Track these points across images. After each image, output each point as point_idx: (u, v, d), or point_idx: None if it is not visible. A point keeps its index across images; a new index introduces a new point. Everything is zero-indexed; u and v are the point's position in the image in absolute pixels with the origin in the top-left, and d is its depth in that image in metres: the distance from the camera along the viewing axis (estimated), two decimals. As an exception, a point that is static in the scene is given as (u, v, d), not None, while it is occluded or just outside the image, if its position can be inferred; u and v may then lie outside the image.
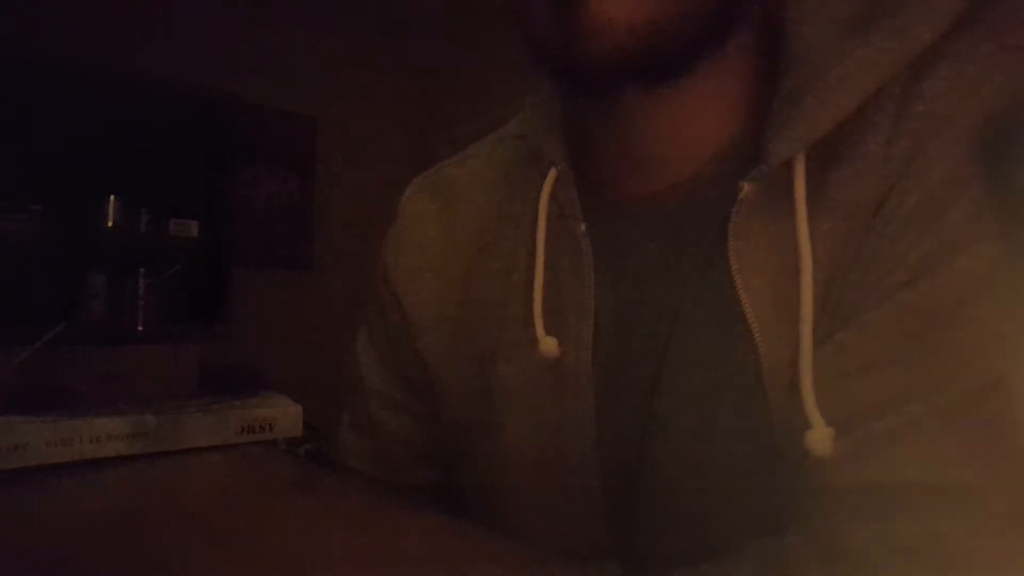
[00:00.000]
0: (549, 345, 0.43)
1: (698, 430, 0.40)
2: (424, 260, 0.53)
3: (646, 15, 0.34)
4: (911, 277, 0.34)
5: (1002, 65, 0.34)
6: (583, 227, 0.42)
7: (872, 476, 0.33)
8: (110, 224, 0.62)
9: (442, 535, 0.39)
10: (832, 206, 0.36)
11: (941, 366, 0.33)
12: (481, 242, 0.50)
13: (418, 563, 0.35)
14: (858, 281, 0.35)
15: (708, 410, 0.39)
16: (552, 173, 0.45)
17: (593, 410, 0.42)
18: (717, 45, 0.38)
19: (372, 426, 0.57)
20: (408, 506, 0.44)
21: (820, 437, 0.34)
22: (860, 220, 0.35)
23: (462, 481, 0.52)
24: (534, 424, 0.45)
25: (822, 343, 0.35)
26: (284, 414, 0.58)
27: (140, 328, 0.63)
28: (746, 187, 0.37)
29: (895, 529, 0.32)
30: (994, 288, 0.32)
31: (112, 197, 0.62)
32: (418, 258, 0.53)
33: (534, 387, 0.45)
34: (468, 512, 0.50)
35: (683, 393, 0.40)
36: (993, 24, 0.34)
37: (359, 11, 2.68)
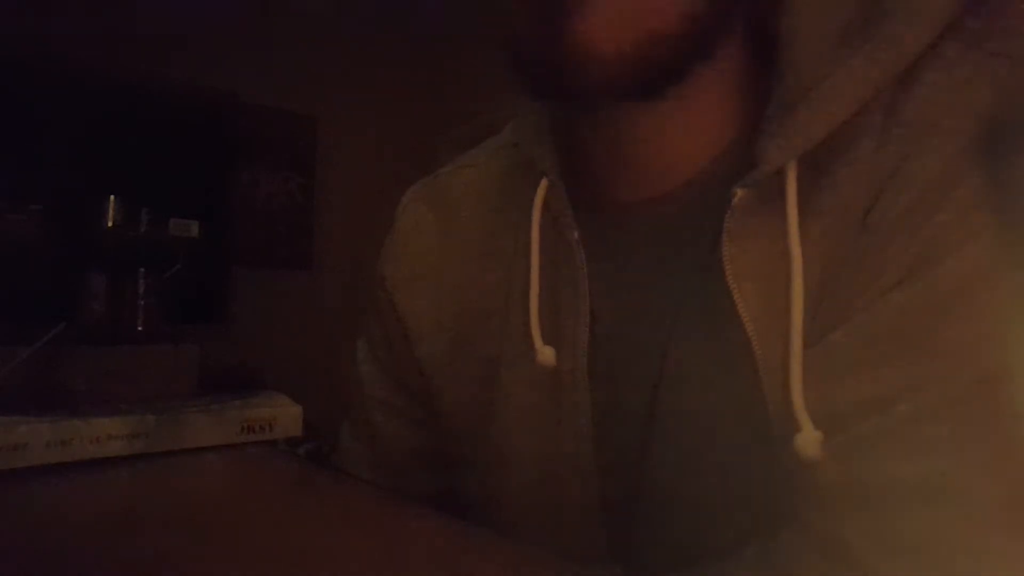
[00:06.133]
0: (547, 354, 0.43)
1: (699, 434, 0.40)
2: (421, 269, 0.53)
3: (634, 39, 0.34)
4: (899, 279, 0.34)
5: (987, 71, 0.34)
6: (576, 235, 0.42)
7: (864, 473, 0.34)
8: (110, 224, 0.62)
9: (442, 535, 0.39)
10: (823, 211, 0.36)
11: (930, 365, 0.33)
12: (478, 251, 0.50)
13: (418, 563, 0.35)
14: (848, 284, 0.36)
15: (708, 414, 0.40)
16: (543, 183, 0.45)
17: (590, 416, 0.43)
18: (706, 58, 0.38)
19: (372, 433, 0.57)
20: (408, 506, 0.44)
21: (808, 441, 0.34)
22: (850, 224, 0.36)
23: (462, 487, 0.52)
24: (533, 431, 0.45)
25: (813, 345, 0.36)
26: (284, 414, 0.58)
27: (140, 328, 0.63)
28: (739, 193, 0.37)
29: (888, 524, 0.33)
30: (982, 288, 0.33)
31: (112, 197, 0.62)
32: (415, 267, 0.53)
33: (533, 395, 0.45)
34: (468, 517, 0.50)
35: (682, 398, 0.40)
36: (978, 31, 0.35)
37: (359, 11, 2.68)
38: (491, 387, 0.47)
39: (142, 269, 0.63)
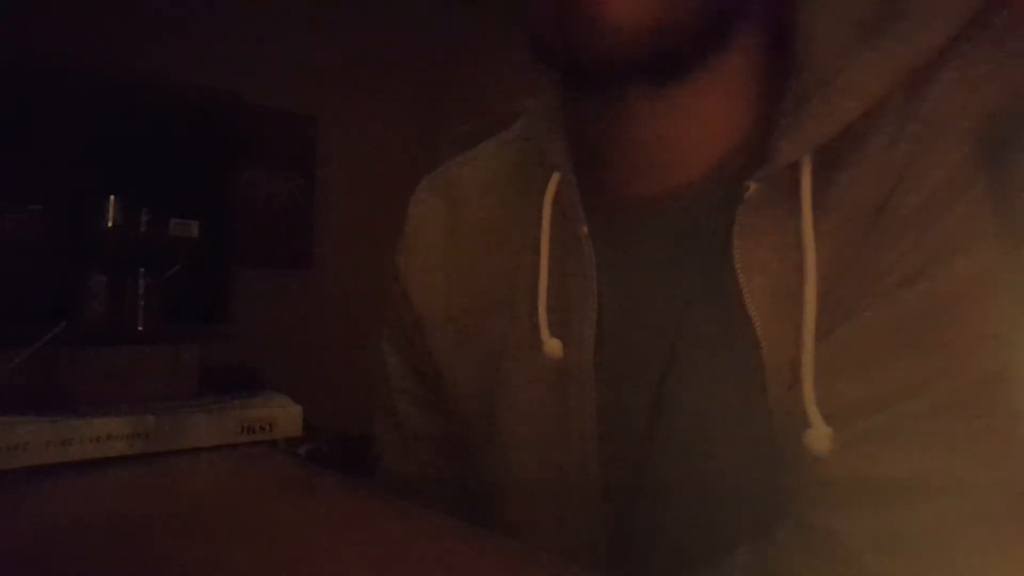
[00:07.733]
0: (553, 347, 0.43)
1: (703, 430, 0.40)
2: (431, 260, 0.53)
3: (653, 15, 0.34)
4: (909, 277, 0.34)
5: (1003, 70, 0.34)
6: (585, 229, 0.42)
7: (866, 471, 0.34)
8: (110, 224, 0.62)
9: (443, 535, 0.39)
10: (836, 207, 0.36)
11: (936, 364, 0.33)
12: (487, 243, 0.51)
13: (418, 563, 0.35)
14: (858, 281, 0.35)
15: (713, 410, 0.40)
16: (555, 177, 0.45)
17: (595, 410, 0.43)
18: (723, 44, 0.38)
19: (398, 421, 0.57)
20: (408, 506, 0.44)
21: (819, 436, 0.34)
22: (862, 221, 0.36)
23: (471, 478, 0.52)
24: (538, 424, 0.45)
25: (821, 342, 0.36)
26: (284, 414, 0.58)
27: (140, 328, 0.63)
28: (752, 187, 0.37)
29: (889, 522, 0.33)
30: (990, 288, 0.33)
31: (112, 197, 0.62)
32: (426, 258, 0.54)
33: (539, 387, 0.45)
34: (476, 505, 0.50)
35: (688, 392, 0.40)
36: (994, 30, 0.35)
37: (359, 11, 2.68)
38: (497, 378, 0.47)
39: (142, 269, 0.63)
